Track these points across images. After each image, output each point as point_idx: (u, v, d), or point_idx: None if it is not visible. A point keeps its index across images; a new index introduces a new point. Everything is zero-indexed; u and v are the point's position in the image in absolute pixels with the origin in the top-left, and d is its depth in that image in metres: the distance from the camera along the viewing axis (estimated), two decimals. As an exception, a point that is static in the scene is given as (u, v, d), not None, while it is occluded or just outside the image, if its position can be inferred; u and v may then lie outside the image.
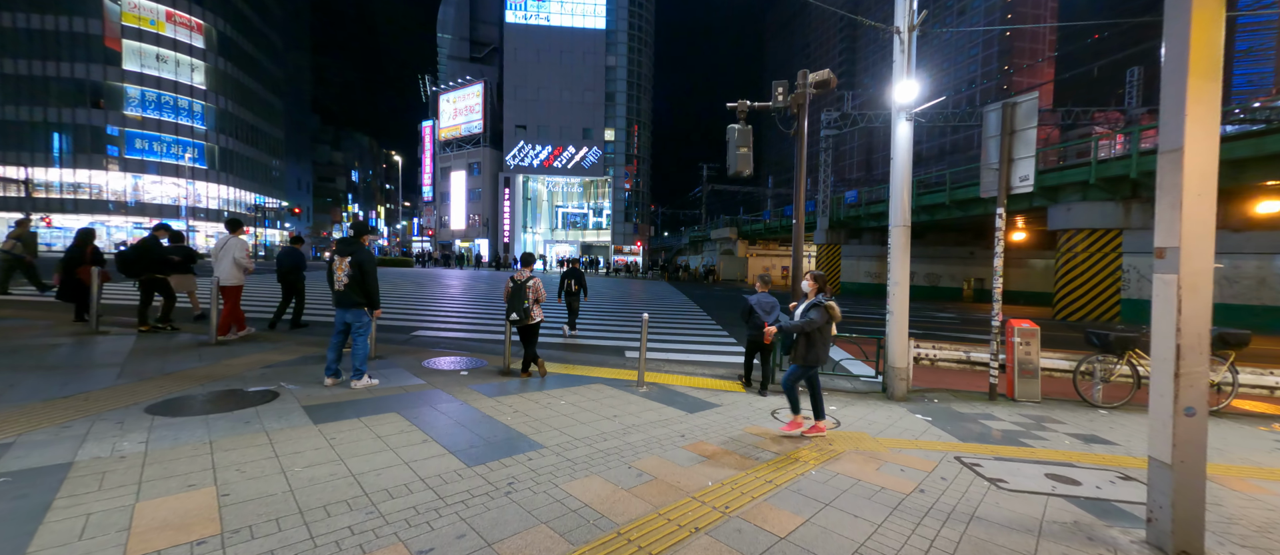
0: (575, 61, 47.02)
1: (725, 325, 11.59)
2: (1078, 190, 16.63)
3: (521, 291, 5.28)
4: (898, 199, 5.53)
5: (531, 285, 5.34)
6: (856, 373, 6.27)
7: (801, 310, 4.01)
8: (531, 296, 5.32)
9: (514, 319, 5.28)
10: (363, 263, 4.54)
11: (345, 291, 4.56)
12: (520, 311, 5.25)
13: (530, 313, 5.29)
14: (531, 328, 5.44)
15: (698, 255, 53.59)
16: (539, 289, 5.38)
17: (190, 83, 46.41)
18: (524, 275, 5.39)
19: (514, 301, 5.29)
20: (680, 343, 8.93)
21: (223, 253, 6.40)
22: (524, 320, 5.27)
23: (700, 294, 23.25)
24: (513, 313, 5.28)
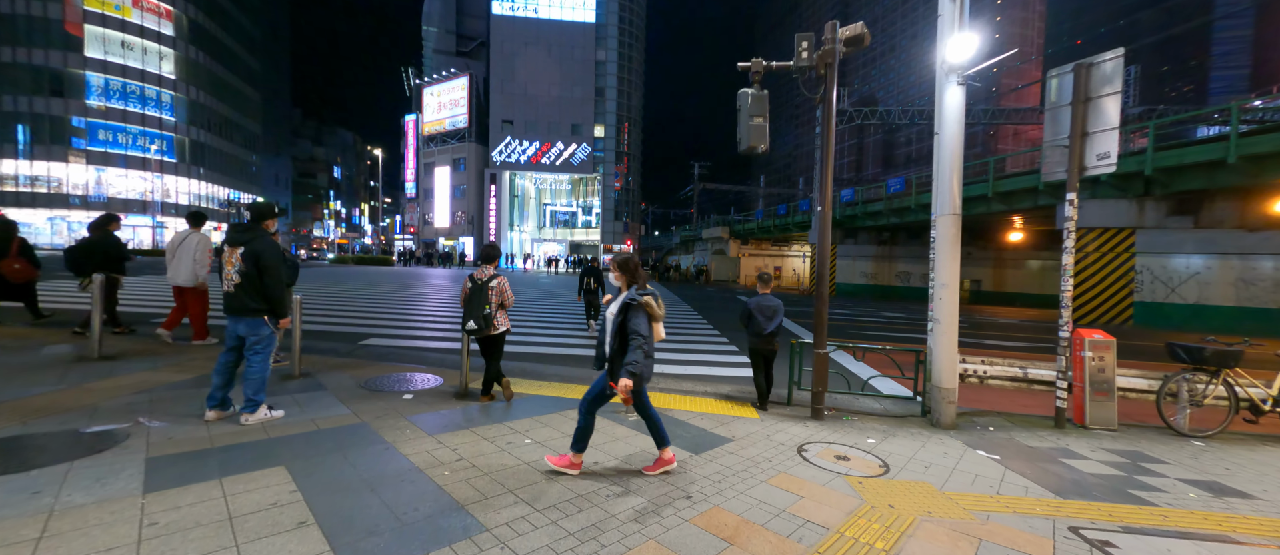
0: (564, 55, 45.78)
1: (723, 329, 10.56)
2: (1087, 187, 15.91)
3: (482, 294, 4.17)
4: (945, 181, 4.51)
5: (495, 286, 4.23)
6: (886, 391, 5.25)
7: (614, 310, 2.91)
8: (495, 300, 4.22)
9: (471, 328, 4.16)
10: (260, 256, 3.40)
11: (236, 294, 3.44)
12: (480, 319, 4.13)
13: (493, 320, 4.18)
14: (495, 340, 4.33)
15: (689, 255, 52.67)
16: (505, 291, 4.29)
17: (158, 72, 44.24)
18: (485, 274, 4.28)
19: (472, 306, 4.17)
20: (676, 352, 7.86)
21: (181, 250, 5.69)
22: (484, 330, 4.16)
23: (693, 295, 22.24)
24: (470, 320, 4.15)
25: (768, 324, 4.77)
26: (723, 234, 42.13)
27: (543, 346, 7.73)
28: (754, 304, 4.83)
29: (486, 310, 4.14)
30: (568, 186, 50.18)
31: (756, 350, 4.87)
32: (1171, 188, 14.15)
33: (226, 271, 3.45)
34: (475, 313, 4.13)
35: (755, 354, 4.89)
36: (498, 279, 4.27)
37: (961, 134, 4.49)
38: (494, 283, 4.23)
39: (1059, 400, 4.53)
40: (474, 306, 4.15)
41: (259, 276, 3.39)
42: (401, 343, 7.14)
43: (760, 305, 4.81)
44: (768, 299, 4.83)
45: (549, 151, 45.67)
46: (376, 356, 5.95)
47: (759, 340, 4.82)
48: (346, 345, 6.51)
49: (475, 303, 4.16)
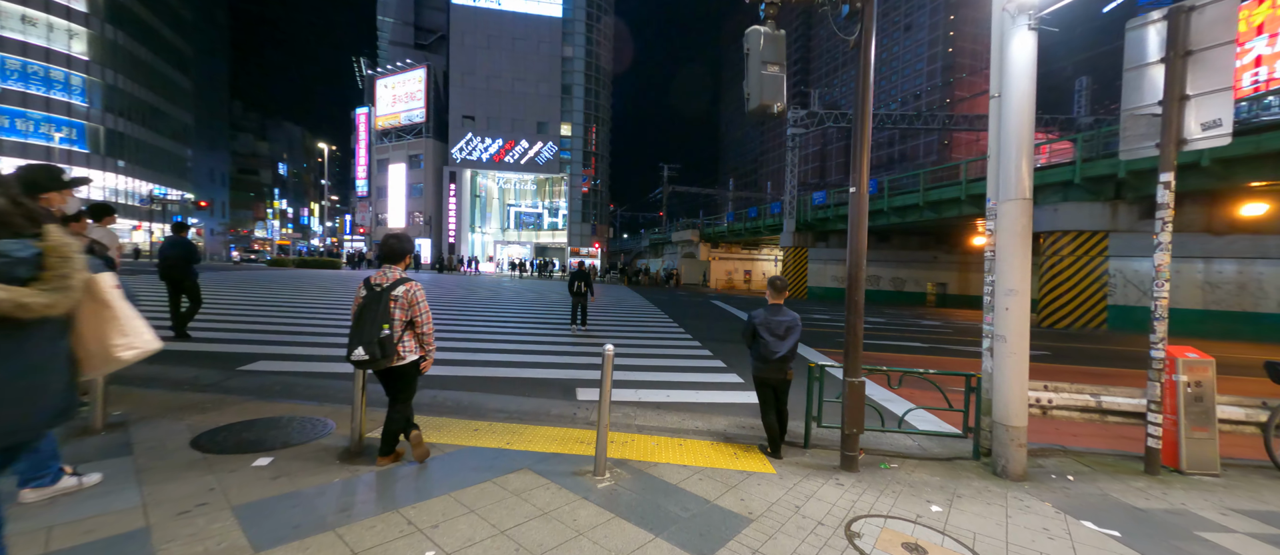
0: (529, 49, 43.95)
1: (704, 339, 9.40)
2: (1059, 191, 15.84)
3: (378, 308, 2.78)
4: (1012, 157, 3.47)
5: (402, 297, 2.85)
6: (919, 425, 4.16)
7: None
8: (401, 317, 2.84)
9: (359, 358, 2.74)
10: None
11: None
12: (372, 345, 2.73)
13: (394, 347, 2.79)
14: (400, 374, 2.94)
15: (658, 258, 51.69)
16: (417, 305, 2.91)
17: (67, 51, 39.44)
18: (389, 278, 2.89)
19: (362, 325, 2.77)
20: (655, 373, 6.60)
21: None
22: (381, 360, 2.76)
23: (665, 300, 21.11)
24: (357, 346, 2.74)
25: (780, 346, 3.58)
26: (692, 237, 41.38)
27: (495, 365, 6.31)
28: (761, 321, 3.62)
29: (385, 332, 2.75)
30: (533, 186, 48.23)
31: (765, 381, 3.67)
32: (1143, 191, 14.13)
33: None
34: (366, 335, 2.73)
35: (764, 386, 3.70)
36: (407, 286, 2.88)
37: (1033, 95, 3.45)
38: (399, 292, 2.85)
39: (1151, 439, 3.55)
40: (364, 325, 2.75)
41: None
42: (301, 367, 5.54)
43: (770, 323, 3.60)
44: (781, 314, 3.62)
45: (513, 149, 43.67)
46: (252, 390, 4.38)
47: (768, 367, 3.62)
48: (217, 372, 4.87)
49: (367, 320, 2.75)
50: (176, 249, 6.13)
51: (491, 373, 5.93)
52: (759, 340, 3.62)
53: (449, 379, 5.48)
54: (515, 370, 6.11)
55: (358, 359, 2.72)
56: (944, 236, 28.21)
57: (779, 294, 3.70)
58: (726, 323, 12.69)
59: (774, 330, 3.59)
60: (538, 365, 6.46)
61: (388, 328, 2.75)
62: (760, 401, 3.75)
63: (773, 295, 3.71)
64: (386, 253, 2.99)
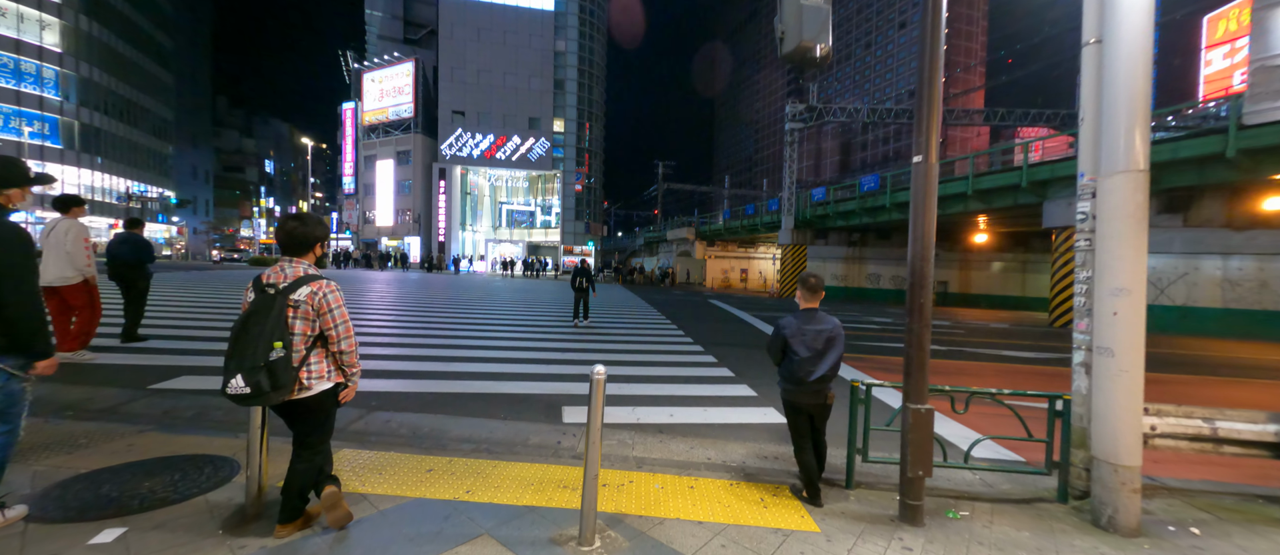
0: (521, 43, 42.94)
1: (707, 344, 8.60)
2: (1070, 183, 15.19)
3: (270, 316, 1.94)
4: (1122, 118, 2.69)
5: (308, 302, 2.04)
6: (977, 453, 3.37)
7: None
8: (303, 329, 2.03)
9: (236, 391, 1.88)
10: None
11: None
12: (256, 371, 1.88)
13: (287, 371, 1.96)
14: (306, 409, 2.10)
15: (652, 257, 50.89)
16: (329, 312, 2.08)
17: (39, 43, 37.91)
18: (287, 276, 2.06)
19: (243, 344, 1.91)
20: (655, 383, 5.78)
21: (50, 242, 4.74)
22: (270, 392, 1.91)
23: (661, 299, 20.31)
24: (236, 374, 1.88)
25: (818, 365, 2.79)
26: (688, 235, 40.60)
27: (468, 378, 5.46)
28: (793, 331, 2.82)
29: (276, 352, 1.90)
30: (525, 184, 47.25)
31: (799, 406, 2.86)
32: (1161, 184, 13.48)
33: None
34: (247, 356, 1.87)
35: (797, 412, 2.89)
36: (313, 287, 2.05)
37: (1151, 37, 2.66)
38: (302, 294, 2.01)
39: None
40: (246, 343, 1.90)
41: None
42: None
43: (805, 334, 2.80)
44: (817, 322, 2.84)
45: (504, 145, 42.66)
46: (154, 417, 3.51)
47: (803, 390, 2.82)
48: (120, 392, 3.98)
49: (251, 335, 1.90)
50: (126, 246, 5.73)
51: (463, 387, 5.09)
52: (792, 354, 2.82)
53: (409, 396, 4.63)
54: (492, 384, 5.26)
55: (234, 392, 1.87)
56: (945, 234, 27.63)
57: (813, 295, 2.91)
58: (729, 325, 11.91)
59: (810, 342, 2.80)
60: (519, 377, 5.62)
61: (282, 346, 1.92)
62: (793, 432, 2.95)
63: (805, 297, 2.92)
64: (286, 240, 2.13)
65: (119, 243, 5.77)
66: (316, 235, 2.17)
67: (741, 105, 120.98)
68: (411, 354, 6.54)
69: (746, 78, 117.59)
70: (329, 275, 2.14)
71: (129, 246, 5.76)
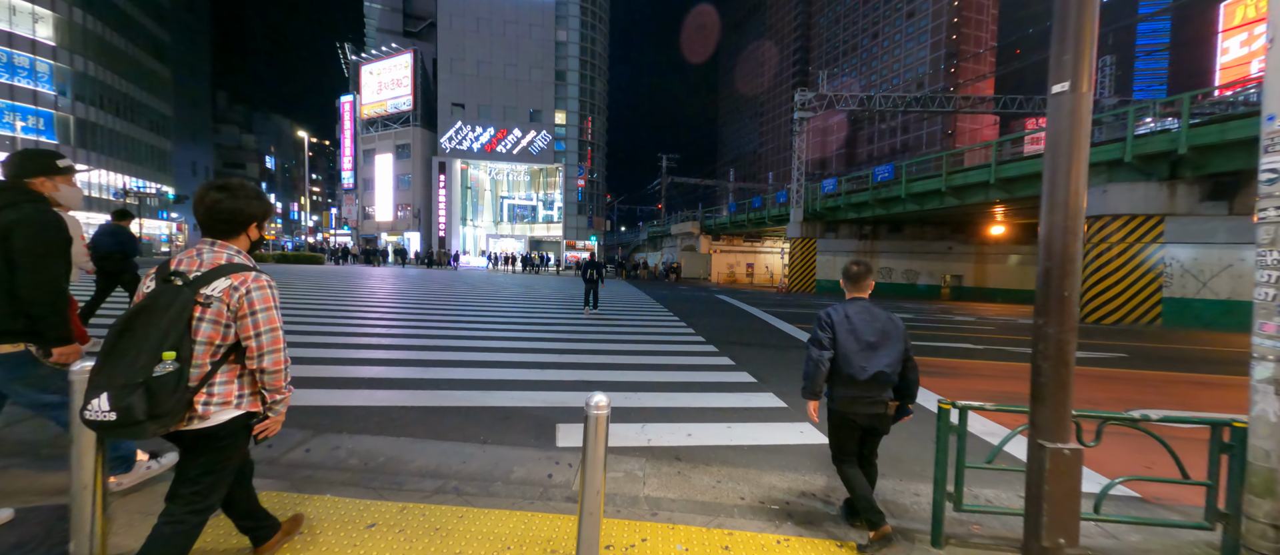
0: (521, 34, 42.04)
1: (722, 344, 7.81)
2: (1103, 171, 14.28)
3: (169, 315, 1.36)
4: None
5: (225, 298, 1.44)
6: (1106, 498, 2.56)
7: None
8: (212, 335, 1.43)
9: (96, 415, 1.28)
10: (12, 234, 1.79)
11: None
12: (129, 389, 1.29)
13: (176, 392, 1.35)
14: (197, 444, 1.48)
15: (656, 252, 50.06)
16: (249, 314, 1.46)
17: (31, 36, 37.31)
18: (203, 263, 1.48)
19: (120, 351, 1.32)
20: (668, 391, 5.01)
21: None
22: (144, 421, 1.30)
23: (667, 295, 19.53)
24: (102, 393, 1.29)
25: (874, 357, 2.29)
26: (693, 229, 39.74)
27: (447, 386, 4.69)
28: (837, 315, 2.36)
29: (164, 366, 1.33)
30: (526, 177, 46.46)
31: (850, 416, 2.34)
32: (1206, 169, 12.56)
33: None
34: (121, 369, 1.31)
35: (847, 425, 2.37)
36: (236, 280, 1.47)
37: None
38: (217, 289, 1.44)
39: None
40: (123, 350, 1.33)
41: (9, 272, 1.80)
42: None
43: (853, 320, 2.34)
44: (871, 313, 2.38)
45: (505, 139, 41.86)
46: (27, 449, 2.75)
47: (858, 391, 2.30)
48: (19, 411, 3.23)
49: (136, 339, 1.34)
50: (109, 238, 5.54)
51: (441, 399, 4.31)
52: (843, 351, 2.31)
53: (374, 412, 3.86)
54: (476, 395, 4.49)
55: (96, 417, 1.30)
56: (960, 226, 26.73)
57: (858, 285, 2.49)
58: (739, 321, 11.11)
59: (860, 332, 2.32)
60: (509, 385, 4.85)
61: (175, 357, 1.35)
62: (837, 447, 2.41)
63: (850, 287, 2.51)
64: (206, 217, 1.53)
65: (102, 234, 5.60)
66: (250, 212, 1.57)
67: (746, 98, 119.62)
68: (389, 357, 5.78)
69: (751, 69, 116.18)
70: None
71: (112, 238, 5.57)
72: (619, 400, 4.38)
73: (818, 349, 2.32)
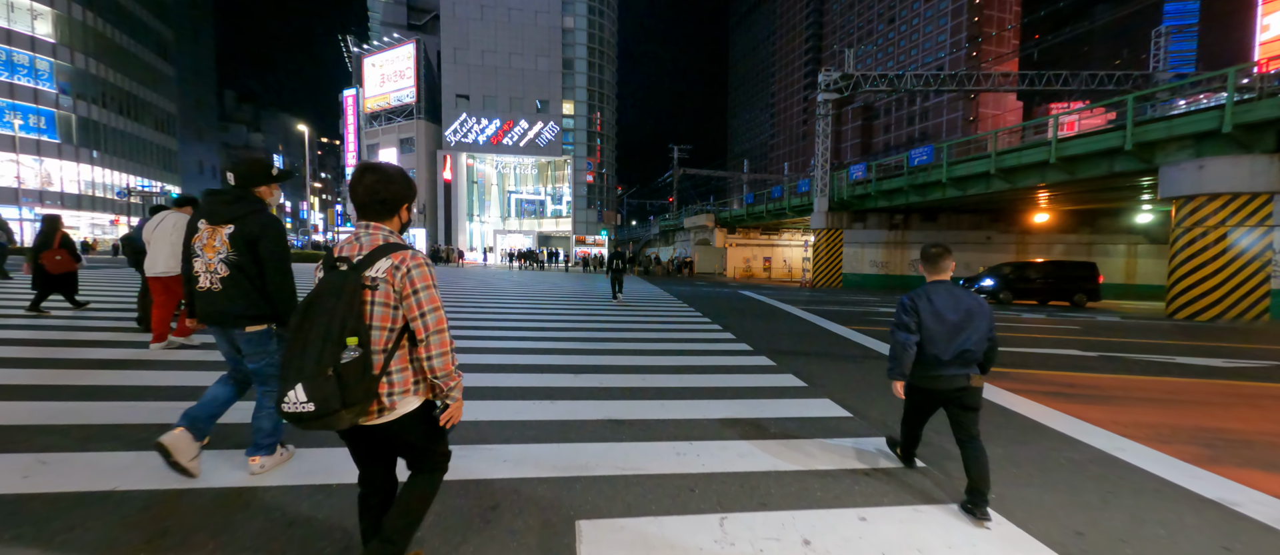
0: (526, 21, 40.52)
1: (779, 357, 6.24)
2: (1192, 144, 12.42)
3: (340, 301, 1.36)
4: None
5: (389, 279, 1.43)
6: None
7: None
8: (385, 319, 1.44)
9: (296, 407, 1.30)
10: (259, 239, 2.17)
11: (224, 294, 2.18)
12: (322, 380, 1.30)
13: (367, 379, 1.37)
14: (392, 438, 1.51)
15: (668, 246, 48.43)
16: (414, 293, 1.45)
17: (30, 32, 36.62)
18: (363, 246, 1.47)
19: (305, 341, 1.33)
20: (733, 439, 3.46)
21: (159, 233, 4.69)
22: (341, 410, 1.32)
23: (688, 292, 17.98)
24: (297, 383, 1.30)
25: (957, 337, 2.33)
26: (707, 222, 38.06)
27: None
28: (920, 297, 2.42)
29: (350, 352, 1.32)
30: (534, 171, 45.04)
31: (933, 392, 2.43)
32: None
33: (205, 259, 2.17)
34: (310, 358, 1.30)
35: (927, 400, 2.52)
36: (396, 258, 1.43)
37: None
38: (380, 270, 1.41)
39: None
40: (308, 340, 1.32)
41: (258, 269, 2.19)
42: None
43: (935, 302, 2.38)
44: (951, 294, 2.40)
45: (511, 131, 40.45)
46: None
47: (938, 374, 2.37)
48: None
49: (315, 328, 1.32)
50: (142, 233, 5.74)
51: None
52: (924, 334, 2.37)
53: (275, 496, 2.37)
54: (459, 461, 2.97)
55: (295, 409, 1.30)
56: (1000, 214, 24.80)
57: (937, 267, 2.48)
58: (782, 324, 9.51)
59: (942, 313, 2.36)
60: (518, 416, 3.32)
61: (357, 343, 1.34)
62: (911, 413, 2.65)
63: (931, 268, 2.50)
64: (365, 198, 1.50)
65: (138, 232, 5.74)
66: (403, 194, 1.55)
67: (756, 89, 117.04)
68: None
69: (763, 59, 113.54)
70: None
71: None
72: (667, 459, 2.86)
73: (904, 333, 2.42)
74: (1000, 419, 3.88)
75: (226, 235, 2.14)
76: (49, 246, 6.41)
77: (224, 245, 2.14)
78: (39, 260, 6.33)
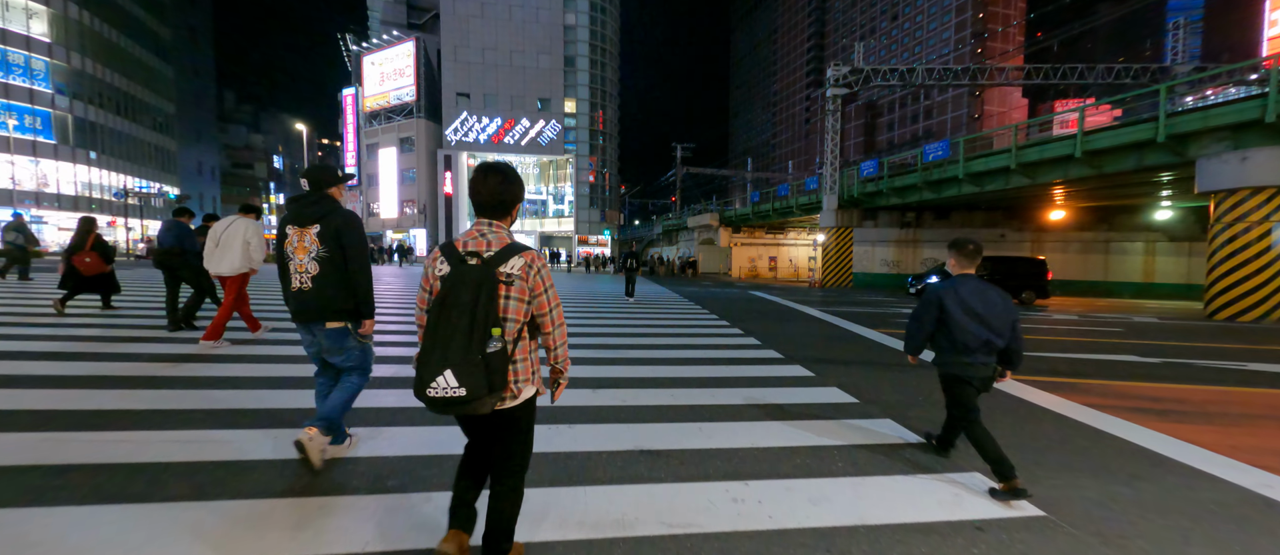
0: (528, 17, 39.95)
1: (811, 364, 5.65)
2: (1226, 137, 11.80)
3: (481, 295, 1.46)
4: None
5: (522, 276, 1.56)
6: None
7: None
8: (517, 313, 1.56)
9: (445, 392, 1.42)
10: (343, 234, 2.35)
11: (316, 291, 2.34)
12: (471, 366, 1.42)
13: (506, 368, 1.52)
14: (513, 420, 1.62)
15: (672, 245, 47.81)
16: (545, 291, 1.61)
17: (25, 32, 36.13)
18: (489, 244, 1.58)
19: (450, 330, 1.44)
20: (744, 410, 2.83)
21: (228, 234, 4.96)
22: (486, 396, 1.45)
23: (697, 293, 17.38)
24: (445, 369, 1.41)
25: (981, 329, 2.48)
26: (711, 221, 37.43)
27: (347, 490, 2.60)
28: (945, 288, 2.56)
29: (494, 342, 1.43)
30: (536, 171, 44.47)
31: (966, 379, 2.56)
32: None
33: (297, 260, 2.35)
34: (457, 346, 1.39)
35: (964, 385, 2.57)
36: (525, 258, 1.54)
37: None
38: (515, 267, 1.52)
39: None
40: (453, 329, 1.40)
41: (345, 265, 2.37)
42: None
43: (962, 294, 2.51)
44: (978, 288, 2.52)
45: (513, 129, 39.88)
46: None
47: (967, 361, 2.54)
48: None
49: (456, 318, 1.41)
50: (170, 234, 5.88)
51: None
52: (948, 325, 2.53)
53: None
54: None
55: (445, 394, 1.38)
56: (1015, 211, 24.18)
57: (970, 260, 2.58)
58: (798, 326, 8.90)
59: (969, 306, 2.49)
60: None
61: (500, 333, 1.45)
62: (959, 405, 2.62)
63: (962, 263, 2.60)
64: (490, 199, 1.59)
65: (164, 230, 5.92)
66: (519, 196, 1.67)
67: (758, 88, 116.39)
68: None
69: (765, 58, 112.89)
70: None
71: (173, 234, 5.85)
72: (721, 512, 2.26)
73: (916, 323, 2.65)
74: (1097, 443, 3.28)
75: (315, 233, 2.33)
76: (82, 248, 6.54)
77: (314, 243, 2.32)
78: (71, 261, 6.47)
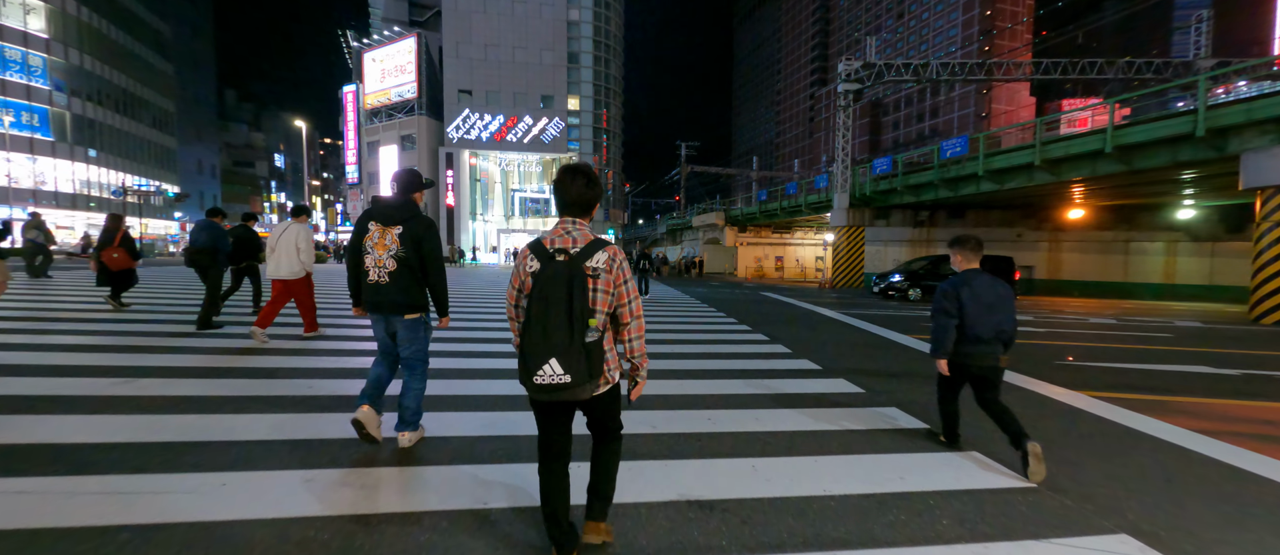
0: (530, 14, 39.37)
1: (857, 378, 5.05)
2: (1270, 130, 11.18)
3: (576, 289, 1.57)
4: None
5: (607, 270, 1.66)
6: None
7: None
8: (604, 305, 1.68)
9: (552, 380, 1.54)
10: (422, 239, 2.53)
11: (392, 286, 2.48)
12: (575, 353, 1.55)
13: (603, 357, 1.67)
14: (603, 405, 1.76)
15: (676, 245, 47.25)
16: (625, 283, 1.70)
17: (22, 28, 35.69)
18: (575, 240, 1.68)
19: (552, 322, 1.55)
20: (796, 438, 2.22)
21: (282, 242, 5.42)
22: (588, 382, 1.59)
23: (706, 294, 16.79)
24: (550, 358, 1.53)
25: (993, 319, 2.69)
26: (717, 220, 36.83)
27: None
28: (959, 282, 2.74)
29: (593, 335, 1.57)
30: (538, 169, 43.89)
31: (968, 368, 2.78)
32: None
33: (376, 255, 2.49)
34: (559, 337, 1.50)
35: (962, 373, 2.82)
36: (608, 253, 1.63)
37: None
38: (600, 261, 1.61)
39: None
40: (554, 321, 1.50)
41: (422, 266, 2.57)
42: None
43: (973, 287, 2.71)
44: (988, 281, 2.74)
45: (515, 127, 39.32)
46: None
47: (976, 351, 2.73)
48: None
49: (557, 311, 1.51)
50: (203, 234, 6.01)
51: None
52: (963, 314, 2.70)
53: None
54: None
55: (551, 381, 1.49)
56: (1031, 210, 23.54)
57: (975, 255, 2.82)
58: (827, 331, 8.30)
59: (982, 298, 2.69)
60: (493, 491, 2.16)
61: (595, 324, 1.58)
62: (946, 389, 2.96)
63: (965, 258, 2.83)
64: (576, 198, 1.68)
65: (198, 230, 6.04)
66: (600, 195, 1.77)
67: (762, 87, 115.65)
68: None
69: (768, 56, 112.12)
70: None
71: (206, 234, 5.98)
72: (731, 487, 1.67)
73: (945, 317, 2.74)
74: (1234, 481, 2.67)
75: (396, 234, 2.44)
76: (110, 244, 6.70)
77: (394, 243, 2.44)
78: (101, 257, 6.61)
